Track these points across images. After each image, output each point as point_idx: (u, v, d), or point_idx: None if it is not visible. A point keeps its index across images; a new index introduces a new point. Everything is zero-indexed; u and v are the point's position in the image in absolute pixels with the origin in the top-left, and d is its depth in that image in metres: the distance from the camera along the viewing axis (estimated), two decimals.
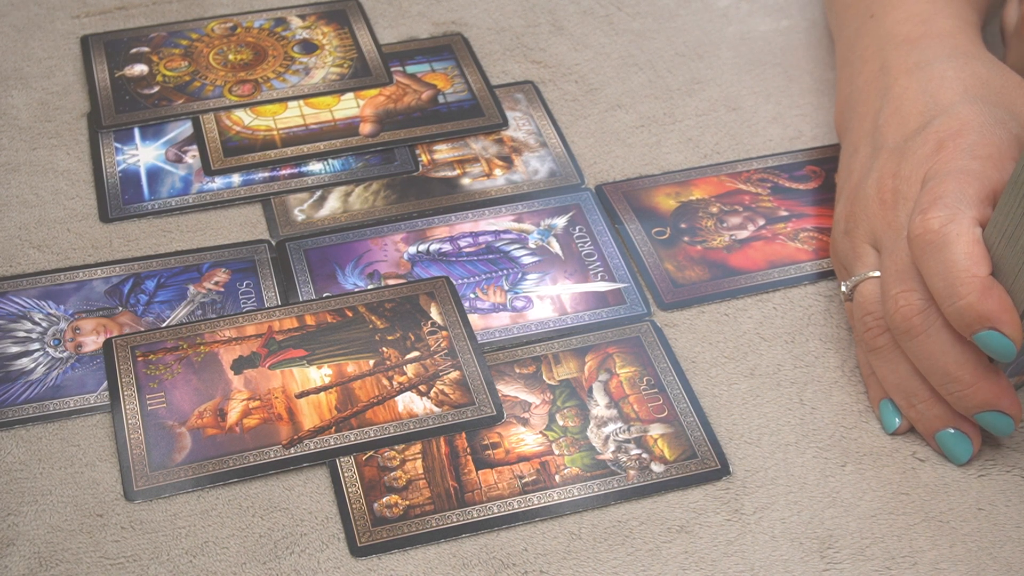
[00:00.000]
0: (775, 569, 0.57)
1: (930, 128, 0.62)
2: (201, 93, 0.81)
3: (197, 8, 0.88)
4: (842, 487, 0.60)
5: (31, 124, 0.79)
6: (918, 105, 0.65)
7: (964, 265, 0.55)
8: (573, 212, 0.74)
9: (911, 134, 0.64)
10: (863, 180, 0.65)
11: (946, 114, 0.63)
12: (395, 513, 0.59)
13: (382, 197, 0.75)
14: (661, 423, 0.62)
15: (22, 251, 0.71)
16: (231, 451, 0.61)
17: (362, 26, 0.86)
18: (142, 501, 0.59)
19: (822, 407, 0.63)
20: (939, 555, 0.57)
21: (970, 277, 0.55)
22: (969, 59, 0.66)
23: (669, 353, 0.66)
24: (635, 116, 0.80)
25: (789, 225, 0.73)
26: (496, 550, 0.57)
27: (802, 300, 0.69)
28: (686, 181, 0.76)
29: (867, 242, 0.63)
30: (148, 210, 0.73)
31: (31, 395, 0.63)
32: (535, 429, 0.62)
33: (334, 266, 0.70)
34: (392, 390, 0.63)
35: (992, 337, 0.55)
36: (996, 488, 0.60)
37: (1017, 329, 0.55)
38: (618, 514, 0.59)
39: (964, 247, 0.56)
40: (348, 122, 0.79)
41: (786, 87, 0.83)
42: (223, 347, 0.65)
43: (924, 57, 0.67)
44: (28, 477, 0.60)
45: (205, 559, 0.57)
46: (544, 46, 0.86)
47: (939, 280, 0.56)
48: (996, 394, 0.58)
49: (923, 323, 0.58)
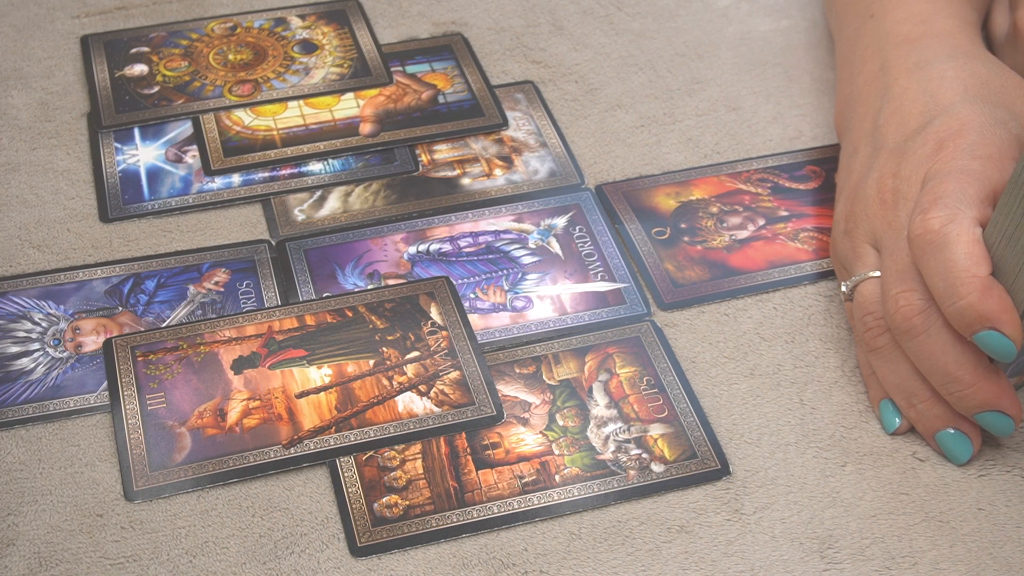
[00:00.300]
0: (775, 569, 0.57)
1: (930, 128, 0.62)
2: (201, 93, 0.81)
3: (197, 8, 0.88)
4: (842, 487, 0.60)
5: (31, 124, 0.79)
6: (918, 105, 0.65)
7: (964, 265, 0.55)
8: (573, 212, 0.74)
9: (911, 134, 0.64)
10: (863, 180, 0.65)
11: (946, 114, 0.63)
12: (395, 513, 0.59)
13: (382, 197, 0.75)
14: (661, 423, 0.62)
15: (22, 251, 0.71)
16: (231, 451, 0.61)
17: (362, 26, 0.86)
18: (142, 501, 0.59)
19: (822, 407, 0.63)
20: (939, 555, 0.57)
21: (970, 277, 0.55)
22: (969, 59, 0.66)
23: (669, 353, 0.66)
24: (635, 116, 0.80)
25: (789, 225, 0.73)
26: (496, 550, 0.57)
27: (802, 300, 0.69)
28: (686, 181, 0.76)
29: (867, 242, 0.63)
30: (148, 210, 0.73)
31: (31, 395, 0.63)
32: (535, 429, 0.62)
33: (334, 266, 0.70)
34: (392, 390, 0.63)
35: (992, 337, 0.55)
36: (996, 488, 0.60)
37: (1017, 329, 0.55)
38: (618, 514, 0.59)
39: (964, 247, 0.56)
40: (348, 122, 0.79)
41: (786, 87, 0.83)
42: (223, 347, 0.65)
43: (924, 57, 0.67)
44: (28, 477, 0.60)
45: (205, 559, 0.57)
46: (544, 46, 0.86)
47: (939, 280, 0.56)
48: (996, 394, 0.58)
49: (923, 323, 0.58)
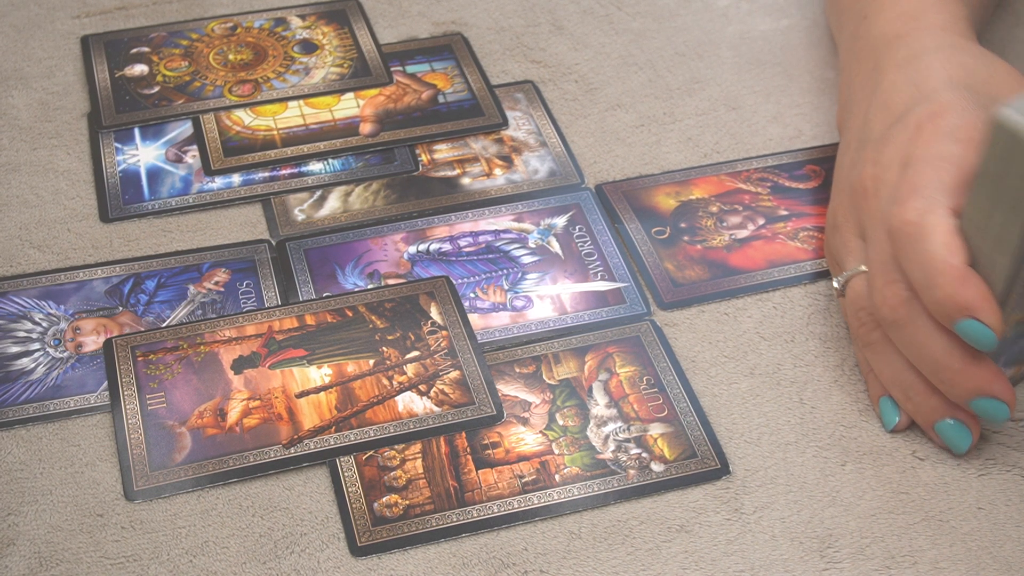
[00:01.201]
0: (775, 568, 0.57)
1: (910, 114, 0.62)
2: (201, 93, 0.81)
3: (197, 8, 0.88)
4: (842, 486, 0.60)
5: (31, 124, 0.79)
6: (903, 96, 0.64)
7: (941, 256, 0.55)
8: (573, 212, 0.74)
9: (894, 122, 0.64)
10: (849, 173, 0.65)
11: (927, 100, 0.62)
12: (395, 513, 0.59)
13: (382, 197, 0.75)
14: (661, 422, 0.62)
15: (22, 251, 0.71)
16: (231, 451, 0.61)
17: (362, 26, 0.86)
18: (142, 501, 0.59)
19: (822, 406, 0.63)
20: (939, 554, 0.57)
21: (947, 267, 0.55)
22: (956, 50, 0.65)
23: (669, 353, 0.66)
24: (635, 116, 0.80)
25: (789, 224, 0.73)
26: (496, 550, 0.57)
27: (802, 299, 0.69)
28: (686, 180, 0.76)
29: (856, 235, 0.63)
30: (148, 210, 0.73)
31: (31, 395, 0.63)
32: (535, 429, 0.62)
33: (334, 266, 0.70)
34: (392, 390, 0.63)
35: (972, 326, 0.55)
36: (996, 487, 0.60)
37: (996, 317, 0.55)
38: (618, 513, 0.59)
39: (941, 238, 0.56)
40: (348, 122, 0.79)
41: (786, 87, 0.83)
42: (223, 347, 0.65)
43: (912, 51, 0.67)
44: (28, 477, 0.60)
45: (205, 559, 0.57)
46: (544, 46, 0.86)
47: (918, 271, 0.56)
48: (986, 380, 0.57)
49: (908, 313, 0.58)
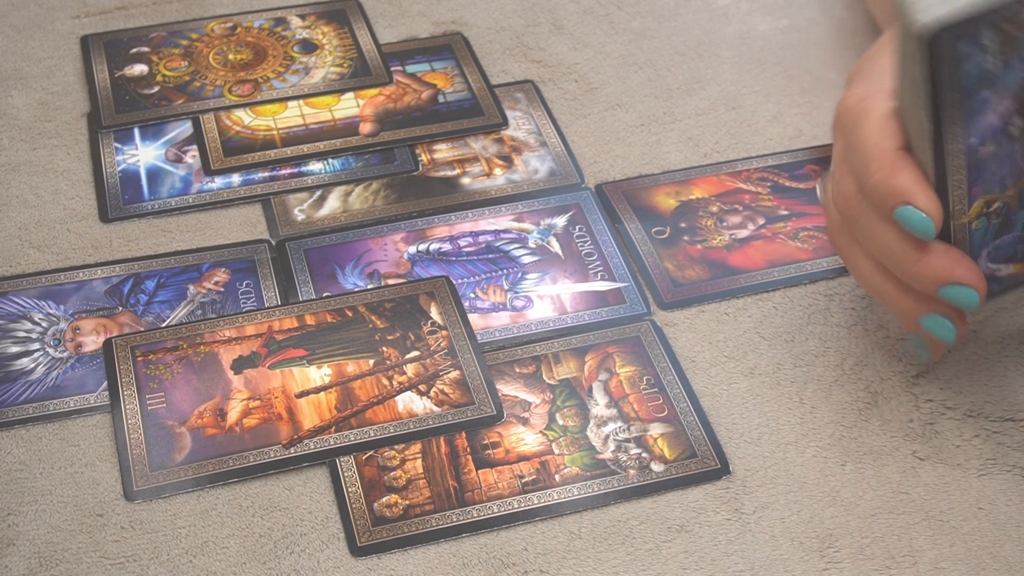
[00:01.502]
0: (775, 568, 0.57)
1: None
2: (201, 93, 0.81)
3: (197, 8, 0.88)
4: (842, 486, 0.60)
5: (31, 124, 0.79)
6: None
7: (874, 140, 0.53)
8: (573, 211, 0.74)
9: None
10: None
11: None
12: (395, 513, 0.59)
13: (382, 197, 0.75)
14: (661, 422, 0.62)
15: (22, 251, 0.71)
16: (231, 451, 0.61)
17: (362, 26, 0.86)
18: (142, 501, 0.59)
19: (822, 406, 0.63)
20: (939, 554, 0.57)
21: (879, 151, 0.53)
22: None
23: (669, 352, 0.66)
24: (635, 115, 0.80)
25: (789, 224, 0.73)
26: (496, 550, 0.57)
27: (802, 299, 0.69)
28: (686, 180, 0.76)
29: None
30: (148, 210, 0.73)
31: (31, 395, 0.63)
32: (535, 429, 0.62)
33: (334, 266, 0.70)
34: (392, 390, 0.63)
35: (908, 212, 0.52)
36: (996, 487, 0.60)
37: (931, 202, 0.52)
38: (618, 513, 0.59)
39: (875, 122, 0.53)
40: (348, 122, 0.79)
41: (786, 86, 0.83)
42: (223, 347, 0.65)
43: None
44: (28, 477, 0.60)
45: (205, 559, 0.57)
46: (544, 46, 0.86)
47: (856, 158, 0.54)
48: (945, 267, 0.54)
49: (860, 205, 0.55)
